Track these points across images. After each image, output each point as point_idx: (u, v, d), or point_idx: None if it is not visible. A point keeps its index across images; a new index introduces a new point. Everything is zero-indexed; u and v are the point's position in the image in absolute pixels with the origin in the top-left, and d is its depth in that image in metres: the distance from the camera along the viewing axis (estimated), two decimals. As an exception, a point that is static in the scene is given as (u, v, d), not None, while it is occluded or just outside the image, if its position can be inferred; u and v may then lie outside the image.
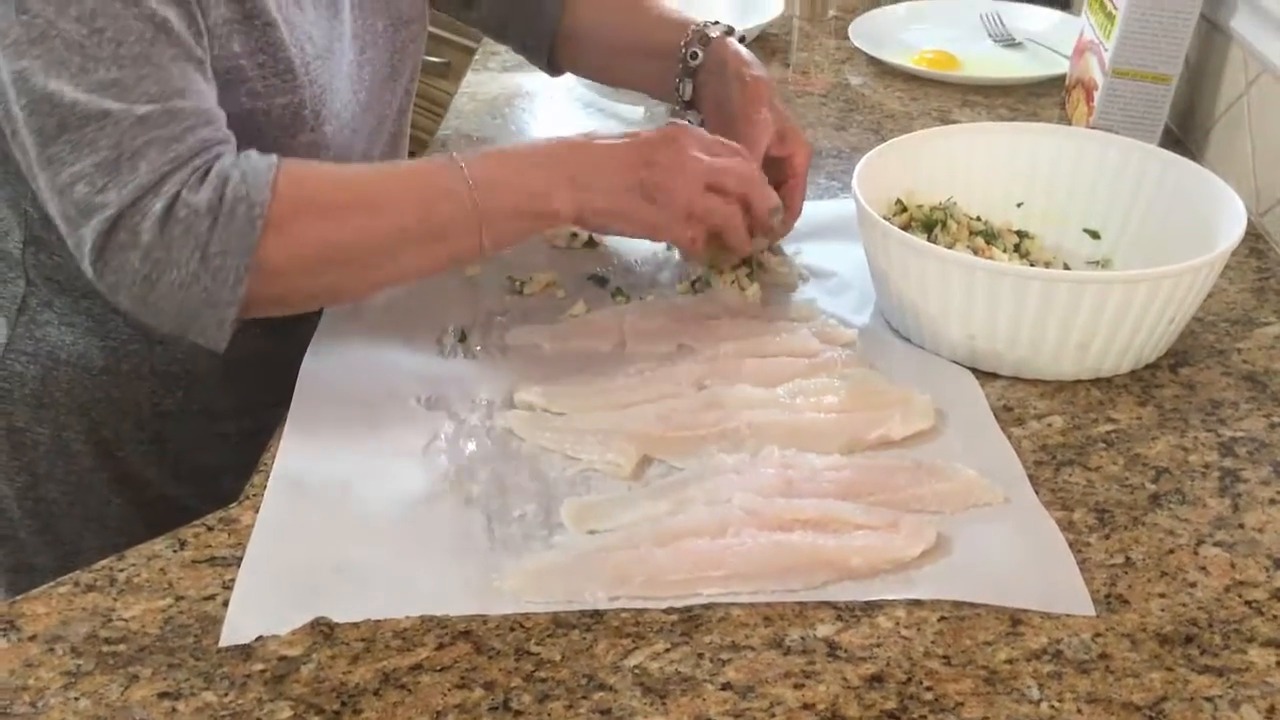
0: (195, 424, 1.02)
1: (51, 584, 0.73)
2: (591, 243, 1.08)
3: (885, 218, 0.97)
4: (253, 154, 0.82)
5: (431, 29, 2.04)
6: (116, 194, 0.77)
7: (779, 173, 1.00)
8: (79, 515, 1.02)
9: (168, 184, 0.78)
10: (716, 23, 1.07)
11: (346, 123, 0.96)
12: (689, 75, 1.06)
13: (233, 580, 0.72)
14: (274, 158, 0.82)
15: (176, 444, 1.02)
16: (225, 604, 0.70)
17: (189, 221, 0.78)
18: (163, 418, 1.01)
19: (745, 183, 0.92)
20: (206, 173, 0.79)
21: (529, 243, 1.06)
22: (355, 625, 0.69)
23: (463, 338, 0.95)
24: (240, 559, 0.73)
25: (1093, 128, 1.24)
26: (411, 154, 2.15)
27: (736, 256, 0.99)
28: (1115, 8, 1.22)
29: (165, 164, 0.78)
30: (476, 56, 1.55)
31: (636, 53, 1.10)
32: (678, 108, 1.09)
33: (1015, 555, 0.73)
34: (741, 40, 1.07)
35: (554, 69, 1.19)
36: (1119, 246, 1.02)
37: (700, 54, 1.05)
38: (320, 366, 0.91)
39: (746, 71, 1.02)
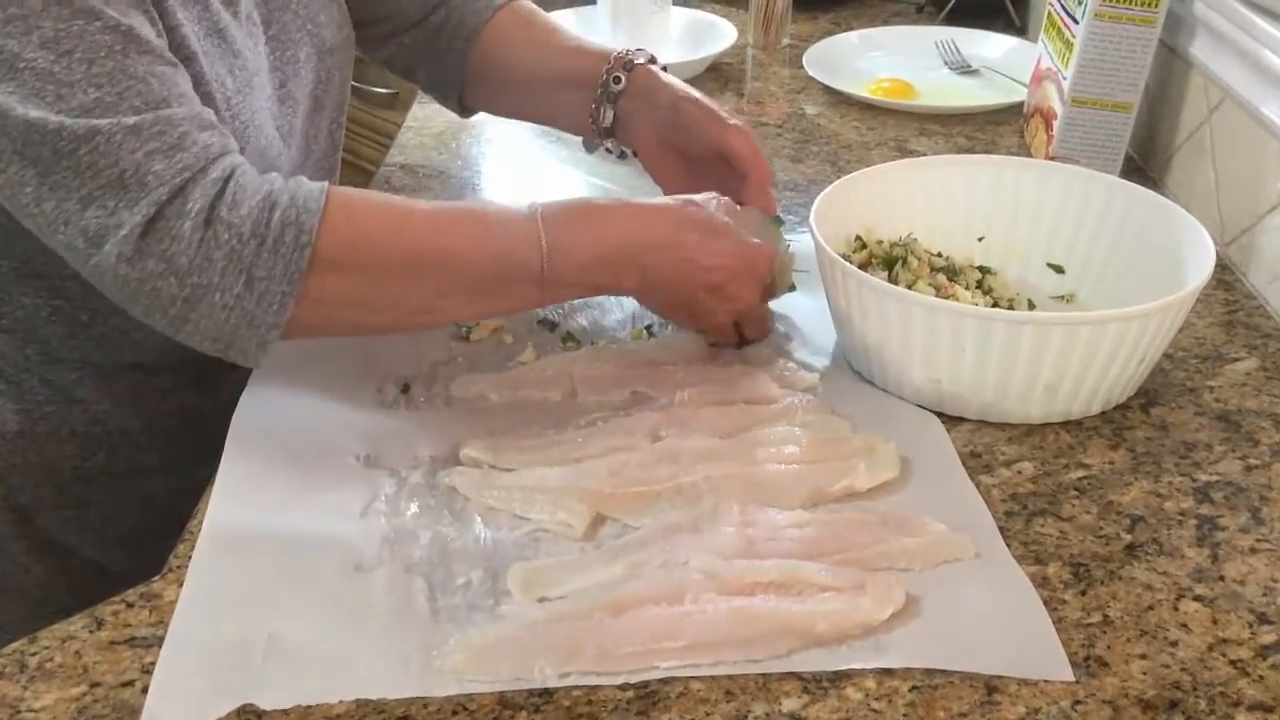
0: (119, 486, 0.97)
1: (-44, 671, 0.67)
2: (541, 284, 1.03)
3: (844, 255, 0.94)
4: (304, 179, 0.78)
5: (378, 60, 2.00)
6: (129, 213, 0.72)
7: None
8: (-3, 586, 0.96)
9: (190, 200, 0.73)
10: (641, 50, 1.04)
11: (270, 160, 0.91)
12: (609, 101, 1.03)
13: (153, 664, 0.66)
14: (325, 184, 0.78)
15: (100, 508, 0.97)
16: (144, 690, 0.65)
17: (231, 245, 0.74)
18: (84, 481, 0.95)
19: (758, 333, 0.95)
20: (239, 189, 0.75)
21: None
22: (285, 712, 0.63)
23: (405, 388, 0.90)
24: (162, 639, 0.68)
25: (1053, 156, 1.22)
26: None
27: None
28: (1073, 35, 1.19)
29: (175, 175, 0.73)
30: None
31: (550, 83, 1.07)
32: (595, 140, 1.06)
33: (988, 616, 0.69)
34: (664, 69, 1.04)
35: (464, 109, 1.15)
36: (1084, 281, 0.99)
37: (624, 79, 1.02)
38: (251, 423, 0.86)
39: (687, 94, 1.00)
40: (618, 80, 1.02)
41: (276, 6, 0.94)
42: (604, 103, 1.03)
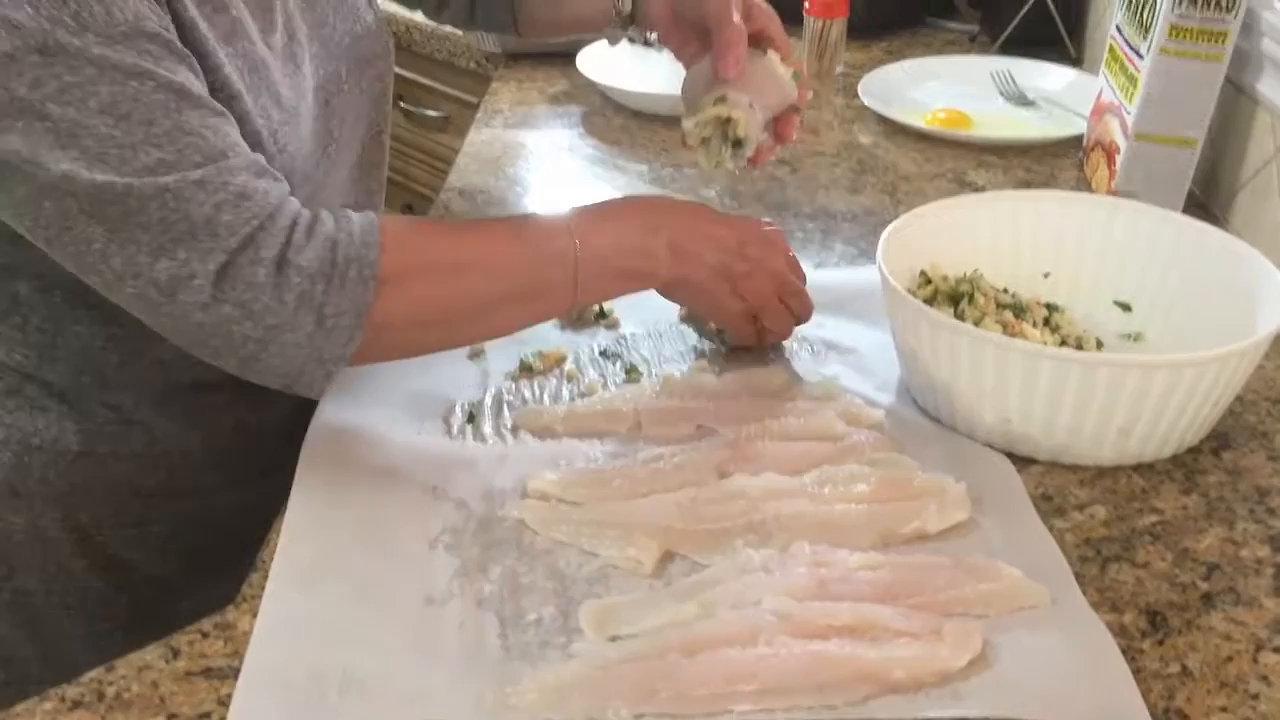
0: (178, 503, 0.98)
1: (36, 699, 0.68)
2: (603, 314, 1.04)
3: (909, 290, 0.93)
4: (351, 214, 0.81)
5: (428, 82, 2.02)
6: (201, 264, 0.75)
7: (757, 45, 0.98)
8: (59, 604, 0.97)
9: (262, 247, 0.76)
10: None
11: (319, 182, 0.93)
12: None
13: (229, 695, 0.67)
14: (371, 215, 0.82)
15: (159, 525, 0.97)
16: (221, 723, 0.65)
17: (303, 286, 0.77)
18: (144, 498, 0.96)
19: (805, 309, 0.98)
20: (309, 233, 0.78)
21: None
22: (362, 748, 0.64)
23: (471, 418, 0.91)
24: (237, 670, 0.68)
25: (1115, 191, 1.21)
26: (408, 207, 2.13)
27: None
28: (1137, 70, 1.19)
29: (244, 224, 0.75)
30: (479, 115, 1.51)
31: None
32: (618, 31, 1.06)
33: (1067, 665, 0.68)
34: None
35: (520, 35, 1.19)
36: (1152, 320, 0.98)
37: None
38: (321, 452, 0.86)
39: None
40: None
41: (315, 21, 0.96)
42: None
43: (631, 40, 1.08)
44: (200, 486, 0.99)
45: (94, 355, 0.92)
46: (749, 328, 0.96)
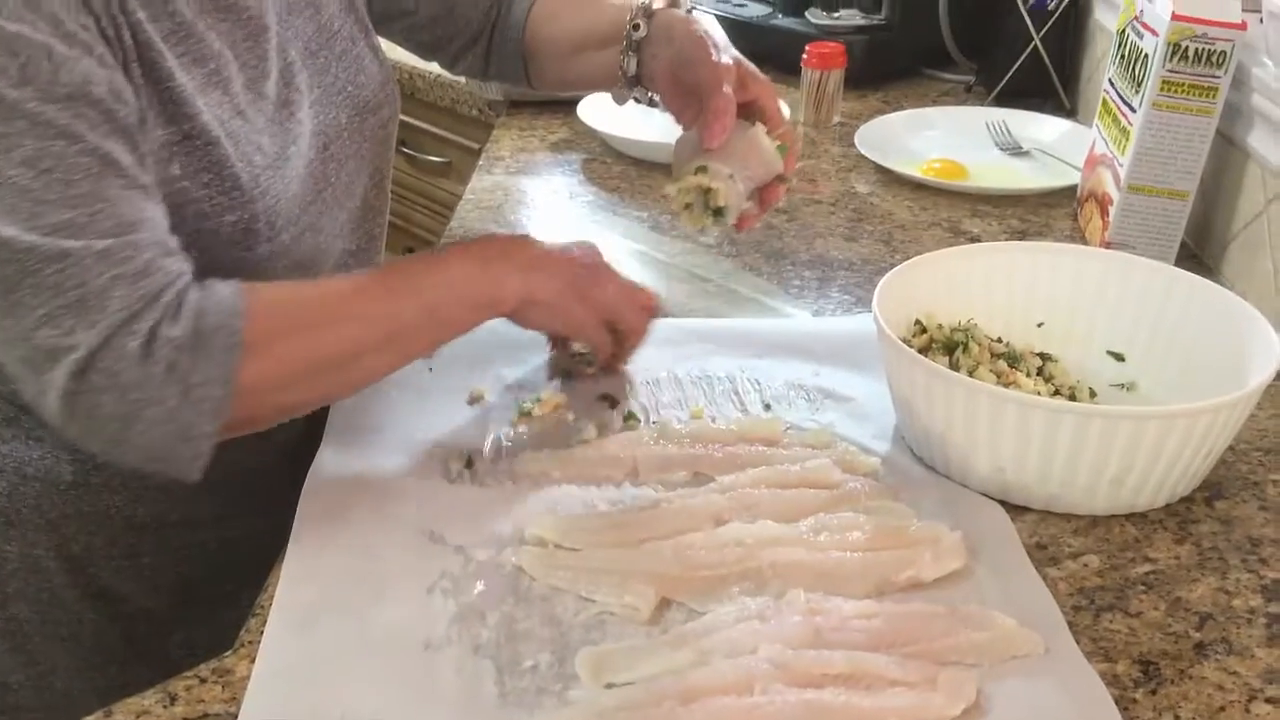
0: (171, 535, 0.98)
1: (31, 743, 0.68)
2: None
3: (904, 339, 0.94)
4: (215, 283, 0.80)
5: (432, 128, 2.04)
6: (85, 334, 0.74)
7: (749, 116, 0.99)
8: (52, 634, 0.97)
9: (141, 322, 0.75)
10: None
11: (309, 225, 0.94)
12: (633, 50, 1.05)
13: (227, 741, 0.67)
14: (236, 283, 0.81)
15: (152, 557, 0.98)
16: (218, 769, 0.66)
17: (171, 357, 0.75)
18: (137, 530, 0.97)
19: (651, 302, 1.01)
20: (179, 306, 0.77)
21: (537, 363, 1.03)
22: (358, 795, 0.64)
23: (470, 464, 0.91)
24: (235, 716, 0.69)
25: (1108, 242, 1.23)
26: (409, 250, 2.14)
27: None
28: (1129, 123, 1.21)
29: (136, 301, 0.75)
30: (481, 161, 1.53)
31: (588, 47, 1.11)
32: (623, 91, 1.08)
33: (1060, 715, 0.69)
34: (689, 10, 1.06)
35: (532, 87, 1.21)
36: (1145, 370, 0.99)
37: (644, 25, 1.04)
38: (319, 498, 0.87)
39: (693, 30, 1.01)
40: (637, 27, 1.04)
41: (317, 70, 0.97)
42: (628, 52, 1.05)
43: (637, 100, 1.09)
44: (193, 519, 0.99)
45: None
46: (605, 335, 0.97)
